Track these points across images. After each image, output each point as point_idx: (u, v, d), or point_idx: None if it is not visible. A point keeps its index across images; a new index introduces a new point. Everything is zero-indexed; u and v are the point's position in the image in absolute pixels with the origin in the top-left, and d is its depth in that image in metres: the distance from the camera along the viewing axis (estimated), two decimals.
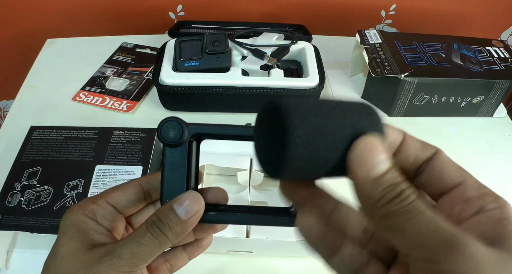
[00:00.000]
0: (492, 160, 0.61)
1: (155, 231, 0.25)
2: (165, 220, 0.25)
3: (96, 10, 0.81)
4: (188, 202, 0.25)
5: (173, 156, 0.27)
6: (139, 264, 0.25)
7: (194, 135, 0.27)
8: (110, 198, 0.28)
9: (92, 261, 0.24)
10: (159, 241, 0.25)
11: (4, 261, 0.45)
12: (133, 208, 0.29)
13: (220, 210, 0.28)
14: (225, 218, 0.29)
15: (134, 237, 0.25)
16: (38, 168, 0.49)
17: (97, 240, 0.26)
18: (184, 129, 0.26)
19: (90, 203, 0.27)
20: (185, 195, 0.26)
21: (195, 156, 0.28)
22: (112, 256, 0.24)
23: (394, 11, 0.84)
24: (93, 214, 0.27)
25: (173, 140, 0.26)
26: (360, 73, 0.72)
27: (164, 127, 0.26)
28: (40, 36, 0.77)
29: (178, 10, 0.82)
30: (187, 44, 0.60)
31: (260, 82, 0.59)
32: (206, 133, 0.27)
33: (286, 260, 0.47)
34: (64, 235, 0.26)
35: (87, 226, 0.26)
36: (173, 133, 0.26)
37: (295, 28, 0.74)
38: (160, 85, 0.59)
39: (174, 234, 0.25)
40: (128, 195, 0.29)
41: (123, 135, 0.53)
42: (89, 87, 0.66)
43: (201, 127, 0.27)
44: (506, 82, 0.61)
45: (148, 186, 0.29)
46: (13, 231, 0.45)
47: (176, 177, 0.27)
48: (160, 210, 0.26)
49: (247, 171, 0.49)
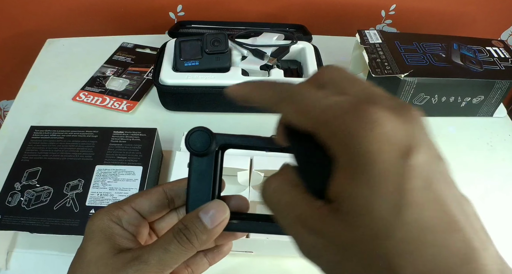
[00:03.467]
0: (492, 160, 0.61)
1: (182, 239, 0.25)
2: (192, 228, 0.26)
3: (96, 10, 0.81)
4: (213, 211, 0.26)
5: (199, 165, 0.28)
6: (165, 270, 0.25)
7: (220, 145, 0.28)
8: (135, 204, 0.28)
9: (119, 266, 0.25)
10: (185, 248, 0.25)
11: (4, 261, 0.45)
12: (157, 214, 0.30)
13: (242, 219, 0.29)
14: (247, 227, 0.29)
15: (161, 244, 0.25)
16: (38, 168, 0.49)
17: (123, 245, 0.26)
18: (212, 140, 0.27)
19: (116, 208, 0.28)
20: (211, 204, 0.26)
21: (220, 165, 0.29)
22: (140, 262, 0.25)
23: (394, 11, 0.84)
24: (118, 219, 0.27)
25: (201, 150, 0.27)
26: (360, 73, 0.72)
27: (192, 137, 0.27)
28: (40, 36, 0.77)
29: (178, 10, 0.82)
30: (187, 44, 0.60)
31: None
32: (234, 144, 0.28)
33: (286, 260, 0.47)
34: (90, 240, 0.27)
35: (113, 231, 0.27)
36: (201, 143, 0.27)
37: (295, 28, 0.74)
38: (160, 85, 0.59)
39: (200, 242, 0.26)
40: (152, 201, 0.29)
41: (123, 135, 0.53)
42: (89, 87, 0.66)
43: (228, 137, 0.28)
44: (506, 82, 0.61)
45: (172, 193, 0.30)
46: (13, 231, 0.45)
47: (202, 186, 0.28)
48: (186, 218, 0.26)
49: (247, 171, 0.49)
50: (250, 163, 0.49)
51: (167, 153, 0.58)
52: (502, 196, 0.56)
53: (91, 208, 0.45)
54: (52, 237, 0.43)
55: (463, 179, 0.59)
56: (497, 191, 0.57)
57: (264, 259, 0.47)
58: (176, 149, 0.57)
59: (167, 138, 0.58)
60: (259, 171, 0.48)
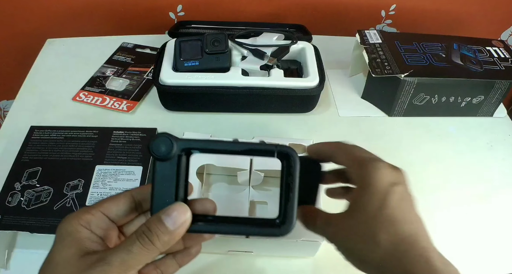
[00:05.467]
0: (492, 160, 0.61)
1: (144, 240, 0.26)
2: (154, 230, 0.27)
3: (96, 10, 0.81)
4: (175, 213, 0.27)
5: (163, 170, 0.29)
6: (128, 271, 0.26)
7: (183, 150, 0.29)
8: (103, 208, 0.29)
9: (84, 267, 0.26)
10: (148, 250, 0.26)
11: (4, 261, 0.45)
12: (125, 218, 0.31)
13: (208, 221, 0.30)
14: (211, 228, 0.30)
15: (124, 246, 0.26)
16: (38, 168, 0.49)
17: (90, 247, 0.27)
18: (174, 145, 0.28)
19: (85, 212, 0.29)
20: (173, 207, 0.28)
21: (185, 169, 0.30)
22: (103, 263, 0.26)
23: (394, 11, 0.84)
24: (87, 223, 0.28)
25: (163, 154, 0.28)
26: (360, 73, 0.72)
27: (155, 142, 0.28)
28: (40, 36, 0.77)
29: (178, 10, 0.82)
30: (187, 44, 0.60)
31: (260, 82, 0.59)
32: (195, 148, 0.29)
33: (286, 260, 0.47)
34: (59, 242, 0.28)
35: (81, 234, 0.28)
36: (163, 148, 0.28)
37: (295, 28, 0.74)
38: (160, 85, 0.59)
39: (162, 243, 0.27)
40: (120, 206, 0.30)
41: (123, 135, 0.53)
42: (89, 87, 0.66)
43: (190, 142, 0.29)
44: (506, 82, 0.61)
45: (140, 197, 0.31)
46: (13, 231, 0.45)
47: (166, 189, 0.29)
48: (149, 220, 0.27)
49: (247, 171, 0.49)
50: (250, 163, 0.49)
51: None
52: (502, 196, 0.56)
53: None
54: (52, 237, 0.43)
55: (463, 179, 0.59)
56: (497, 191, 0.57)
57: (264, 259, 0.48)
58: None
59: None
60: (259, 171, 0.48)
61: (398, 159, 0.60)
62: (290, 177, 0.30)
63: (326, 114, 0.65)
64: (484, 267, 0.49)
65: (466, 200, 0.55)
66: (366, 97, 0.68)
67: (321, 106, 0.65)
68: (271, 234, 0.30)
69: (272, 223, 0.30)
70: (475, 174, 0.59)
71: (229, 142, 0.30)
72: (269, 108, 0.63)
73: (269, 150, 0.30)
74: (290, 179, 0.30)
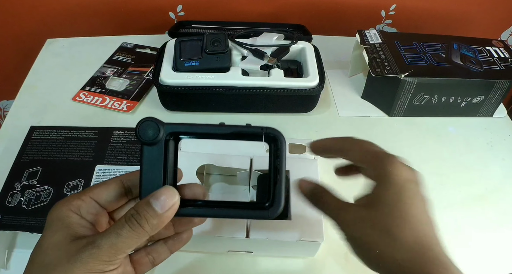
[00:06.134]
0: (492, 160, 0.61)
1: (133, 224, 0.27)
2: (142, 213, 0.27)
3: (96, 10, 0.81)
4: (164, 197, 0.28)
5: (150, 154, 0.29)
6: (117, 254, 0.27)
7: (170, 134, 0.29)
8: (93, 194, 0.30)
9: (74, 251, 0.26)
10: (137, 233, 0.27)
11: (4, 261, 0.45)
12: (115, 203, 0.31)
13: (197, 205, 0.30)
14: (200, 211, 0.31)
15: (114, 229, 0.27)
16: (38, 168, 0.49)
17: (80, 233, 0.28)
18: (160, 129, 0.28)
19: (75, 198, 0.29)
20: (161, 190, 0.28)
21: (173, 154, 0.30)
22: (93, 246, 0.26)
23: (394, 11, 0.84)
24: (77, 209, 0.29)
25: (149, 138, 0.28)
26: (360, 73, 0.72)
27: (141, 127, 0.28)
28: (40, 36, 0.77)
29: (178, 10, 0.82)
30: (187, 44, 0.60)
31: (260, 82, 0.59)
32: (182, 132, 0.29)
33: (286, 260, 0.47)
34: (49, 228, 0.28)
35: (71, 220, 0.28)
36: (150, 133, 0.28)
37: (295, 28, 0.74)
38: (160, 85, 0.59)
39: (151, 227, 0.27)
40: (110, 191, 0.30)
41: (123, 135, 0.53)
42: (89, 87, 0.66)
43: (176, 126, 0.29)
44: (506, 82, 0.61)
45: (129, 183, 0.31)
46: (13, 231, 0.45)
47: (154, 174, 0.29)
48: (138, 204, 0.28)
49: (247, 171, 0.49)
50: (250, 163, 0.49)
51: None
52: (502, 196, 0.56)
53: None
54: None
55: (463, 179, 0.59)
56: (497, 191, 0.57)
57: (264, 259, 0.48)
58: None
59: None
60: (259, 171, 0.48)
61: None
62: (277, 159, 0.30)
63: (326, 114, 0.65)
64: (484, 267, 0.49)
65: (466, 200, 0.55)
66: (366, 97, 0.68)
67: (321, 106, 0.65)
68: (260, 217, 0.30)
69: (261, 206, 0.30)
70: (475, 174, 0.59)
71: (216, 125, 0.30)
72: (269, 108, 0.63)
73: (257, 133, 0.30)
74: (277, 162, 0.30)
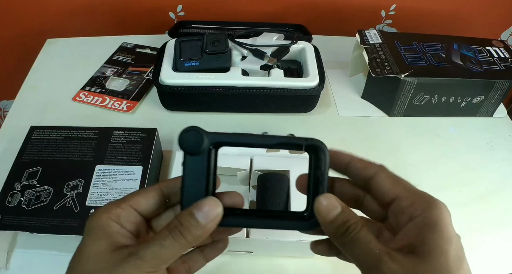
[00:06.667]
0: (492, 160, 0.61)
1: (176, 235, 0.26)
2: (186, 225, 0.27)
3: (96, 10, 0.81)
4: (207, 208, 0.27)
5: (193, 164, 0.29)
6: (160, 265, 0.27)
7: (213, 144, 0.29)
8: (133, 202, 0.29)
9: (116, 262, 0.26)
10: (180, 244, 0.27)
11: (4, 261, 0.45)
12: (154, 211, 0.31)
13: (236, 214, 0.30)
14: (241, 222, 0.30)
15: (157, 240, 0.26)
16: (38, 168, 0.49)
17: (121, 242, 0.27)
18: (204, 138, 0.28)
19: (115, 207, 0.29)
20: (204, 201, 0.28)
21: (214, 163, 0.30)
22: (136, 257, 0.26)
23: (394, 11, 0.84)
24: (117, 217, 0.28)
25: (193, 148, 0.28)
26: (360, 73, 0.72)
27: (185, 136, 0.28)
28: (40, 36, 0.77)
29: (178, 10, 0.82)
30: (187, 44, 0.60)
31: (260, 82, 0.59)
32: (225, 142, 0.29)
33: (286, 260, 0.47)
34: (89, 236, 0.27)
35: (111, 228, 0.28)
36: (194, 142, 0.28)
37: (295, 28, 0.74)
38: (160, 85, 0.59)
39: (194, 238, 0.27)
40: (149, 199, 0.30)
41: (123, 135, 0.53)
42: (89, 87, 0.66)
43: (219, 136, 0.29)
44: (506, 82, 0.61)
45: (168, 191, 0.31)
46: (13, 231, 0.45)
47: (196, 183, 0.29)
48: (181, 214, 0.27)
49: (247, 171, 0.49)
50: (250, 163, 0.49)
51: (167, 153, 0.58)
52: (502, 196, 0.56)
53: (91, 208, 0.45)
54: (52, 237, 0.43)
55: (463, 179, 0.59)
56: (497, 191, 0.57)
57: (264, 259, 0.48)
58: (176, 149, 0.57)
59: (167, 138, 0.58)
60: (259, 171, 0.48)
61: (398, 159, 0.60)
62: (319, 170, 0.29)
63: (326, 114, 0.65)
64: (484, 267, 0.49)
65: (466, 200, 0.55)
66: (366, 97, 0.68)
67: (321, 106, 0.65)
68: (300, 228, 0.30)
69: (300, 216, 0.30)
70: (475, 174, 0.59)
71: (259, 135, 0.30)
72: (269, 108, 0.63)
73: (298, 144, 0.29)
74: (319, 173, 0.29)
